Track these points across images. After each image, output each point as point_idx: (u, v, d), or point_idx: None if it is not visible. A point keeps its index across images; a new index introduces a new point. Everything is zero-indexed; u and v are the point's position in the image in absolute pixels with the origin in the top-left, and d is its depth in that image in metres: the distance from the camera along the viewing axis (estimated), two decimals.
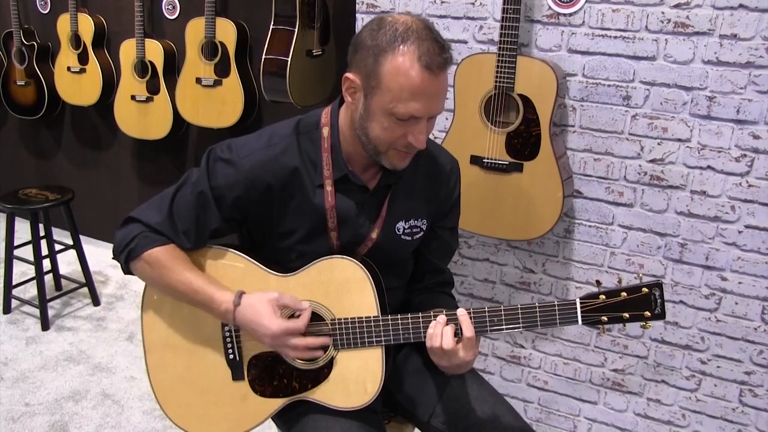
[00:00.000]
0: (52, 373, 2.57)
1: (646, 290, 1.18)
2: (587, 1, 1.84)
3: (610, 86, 1.89)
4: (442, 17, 2.04)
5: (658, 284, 1.18)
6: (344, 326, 1.27)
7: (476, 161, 1.92)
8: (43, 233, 2.98)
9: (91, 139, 3.64)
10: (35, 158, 3.88)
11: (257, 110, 2.98)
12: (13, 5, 3.30)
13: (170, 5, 3.12)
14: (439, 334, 1.20)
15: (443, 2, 2.03)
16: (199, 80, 2.87)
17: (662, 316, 1.18)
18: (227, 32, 2.80)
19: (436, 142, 1.48)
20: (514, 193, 1.90)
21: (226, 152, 1.28)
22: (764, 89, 1.73)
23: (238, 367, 1.34)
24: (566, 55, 1.91)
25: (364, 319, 1.26)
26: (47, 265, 3.09)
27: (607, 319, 1.19)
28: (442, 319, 1.22)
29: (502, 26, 1.79)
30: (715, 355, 1.99)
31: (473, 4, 1.99)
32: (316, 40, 2.67)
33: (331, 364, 1.29)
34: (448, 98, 1.49)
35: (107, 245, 3.68)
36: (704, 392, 2.03)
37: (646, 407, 2.14)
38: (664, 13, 1.77)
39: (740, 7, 1.69)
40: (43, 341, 2.79)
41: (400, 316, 1.25)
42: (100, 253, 3.58)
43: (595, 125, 1.94)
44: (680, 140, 1.85)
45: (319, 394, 1.30)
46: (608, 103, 1.90)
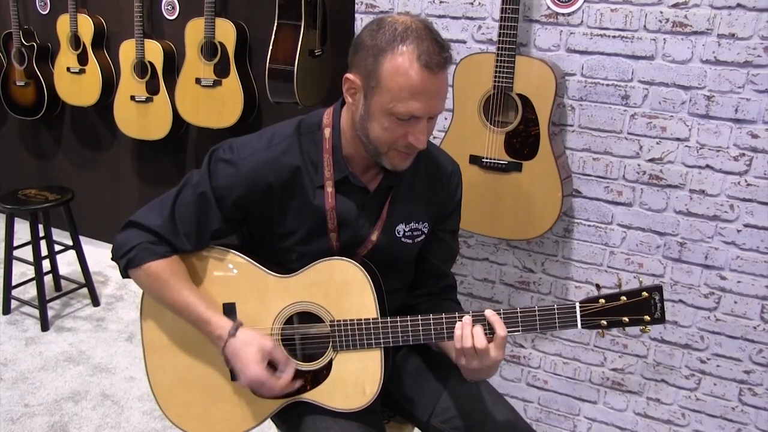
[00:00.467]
0: (51, 373, 2.57)
1: (645, 294, 1.17)
2: (586, 0, 1.85)
3: (608, 86, 1.89)
4: (440, 17, 2.04)
5: (657, 288, 1.17)
6: (343, 328, 1.27)
7: (475, 161, 1.92)
8: (42, 234, 2.98)
9: (90, 139, 3.64)
10: (35, 159, 3.88)
11: (257, 110, 2.98)
12: (12, 6, 3.30)
13: (170, 5, 3.12)
14: (468, 334, 1.18)
15: (442, 2, 2.03)
16: (198, 80, 2.87)
17: (662, 320, 1.17)
18: (227, 32, 2.80)
19: (437, 145, 1.48)
20: (513, 192, 1.90)
21: (227, 153, 1.28)
22: (762, 88, 1.73)
23: None
24: (565, 54, 1.91)
25: (363, 320, 1.26)
26: (47, 265, 3.09)
27: (606, 323, 1.18)
28: (467, 319, 1.20)
29: (500, 26, 1.79)
30: (714, 354, 1.99)
31: (472, 4, 1.99)
32: (317, 40, 2.67)
33: (330, 365, 1.29)
34: (447, 98, 1.48)
35: (107, 246, 3.68)
36: (704, 391, 2.04)
37: (645, 406, 2.14)
38: (662, 12, 1.77)
39: (738, 6, 1.69)
40: (42, 342, 2.79)
41: (399, 318, 1.25)
42: (99, 253, 3.58)
43: (593, 125, 1.94)
44: (679, 139, 1.85)
45: (317, 395, 1.30)
46: (607, 102, 1.90)
